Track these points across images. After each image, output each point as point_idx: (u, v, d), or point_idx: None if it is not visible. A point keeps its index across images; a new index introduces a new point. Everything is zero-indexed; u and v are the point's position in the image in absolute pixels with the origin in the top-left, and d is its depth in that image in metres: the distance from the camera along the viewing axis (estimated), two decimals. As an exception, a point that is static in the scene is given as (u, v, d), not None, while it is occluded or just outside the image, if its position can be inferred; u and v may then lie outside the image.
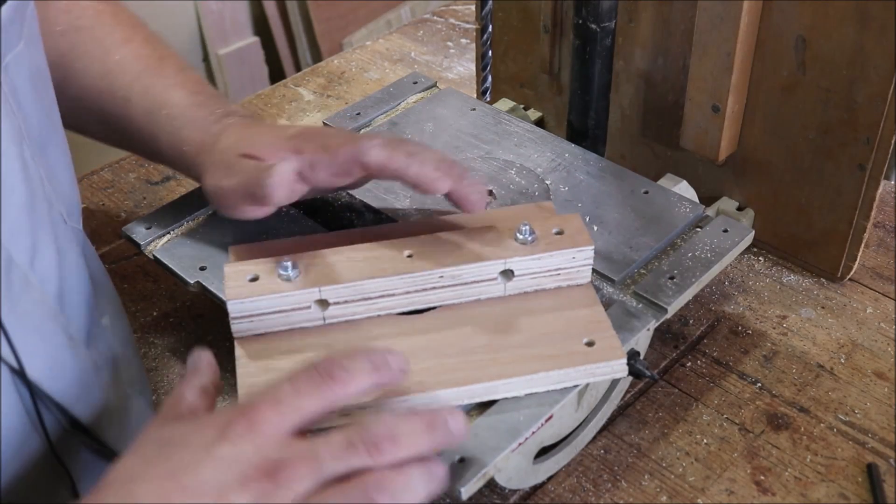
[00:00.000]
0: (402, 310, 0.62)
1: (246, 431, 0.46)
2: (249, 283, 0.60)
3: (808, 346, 0.76)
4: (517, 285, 0.63)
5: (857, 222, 0.77)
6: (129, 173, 0.97)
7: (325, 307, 0.61)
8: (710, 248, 0.69)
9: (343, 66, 1.16)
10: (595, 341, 0.60)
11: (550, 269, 0.63)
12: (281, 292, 0.59)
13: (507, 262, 0.62)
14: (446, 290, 0.62)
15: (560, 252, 0.62)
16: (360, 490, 0.46)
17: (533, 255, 0.62)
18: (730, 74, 0.75)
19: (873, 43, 0.69)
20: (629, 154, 0.89)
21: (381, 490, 0.46)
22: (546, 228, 0.63)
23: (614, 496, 0.65)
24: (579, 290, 0.64)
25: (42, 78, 0.58)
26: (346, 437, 0.47)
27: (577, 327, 0.61)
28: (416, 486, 0.47)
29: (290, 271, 0.60)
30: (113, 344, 0.64)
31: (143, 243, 0.72)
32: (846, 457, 0.67)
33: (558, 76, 0.91)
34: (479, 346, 0.60)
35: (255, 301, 0.59)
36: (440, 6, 1.28)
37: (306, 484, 0.45)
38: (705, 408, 0.71)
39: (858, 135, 0.73)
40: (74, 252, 0.59)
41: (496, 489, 0.65)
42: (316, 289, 0.60)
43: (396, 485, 0.46)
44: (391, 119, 0.85)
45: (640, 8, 0.81)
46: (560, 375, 0.58)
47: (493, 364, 0.59)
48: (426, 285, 0.61)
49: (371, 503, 0.45)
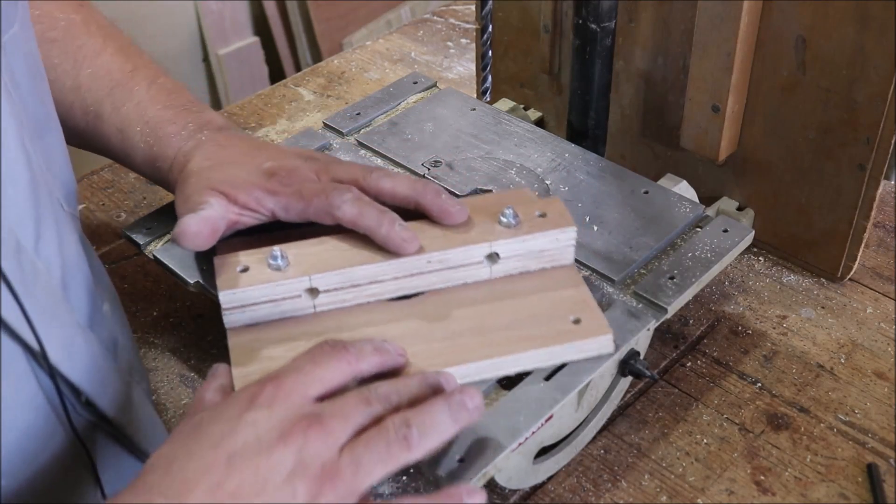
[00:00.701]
0: (391, 296, 0.63)
1: (274, 396, 0.49)
2: (240, 273, 0.61)
3: (808, 346, 0.76)
4: (503, 268, 0.64)
5: (857, 222, 0.77)
6: (129, 173, 0.97)
7: (315, 295, 0.62)
8: (710, 248, 0.69)
9: (343, 66, 1.16)
10: (581, 319, 0.61)
11: (534, 251, 0.64)
12: (271, 282, 0.60)
13: (493, 245, 0.63)
14: (433, 275, 0.63)
15: (543, 234, 0.63)
16: (389, 431, 0.49)
17: (517, 237, 0.63)
18: (730, 74, 0.75)
19: (873, 43, 0.69)
20: (629, 154, 0.89)
21: (407, 425, 0.49)
22: (529, 212, 0.64)
23: (614, 496, 0.65)
24: (563, 270, 0.65)
25: (35, 64, 0.58)
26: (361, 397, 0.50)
27: (563, 307, 0.62)
28: (441, 419, 0.50)
29: (280, 261, 0.61)
30: (114, 330, 0.64)
31: (143, 243, 0.72)
32: (846, 457, 0.67)
33: (558, 76, 0.91)
34: (468, 328, 0.61)
35: (247, 291, 0.60)
36: (440, 6, 1.28)
37: (340, 435, 0.48)
38: (705, 408, 0.71)
39: (858, 135, 0.73)
40: (74, 238, 0.59)
41: (496, 489, 0.65)
42: (306, 277, 0.61)
43: (421, 418, 0.50)
44: (391, 119, 0.85)
45: (640, 8, 0.81)
46: (548, 353, 0.59)
47: (482, 346, 0.60)
48: (414, 270, 0.62)
49: (399, 442, 0.49)
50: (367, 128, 0.84)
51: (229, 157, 0.67)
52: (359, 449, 0.48)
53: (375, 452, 0.48)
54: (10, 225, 0.49)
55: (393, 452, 0.49)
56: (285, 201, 0.64)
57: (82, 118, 0.70)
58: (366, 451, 0.48)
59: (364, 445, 0.49)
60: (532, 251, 0.64)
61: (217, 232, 0.63)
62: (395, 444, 0.49)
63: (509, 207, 0.63)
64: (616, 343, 0.61)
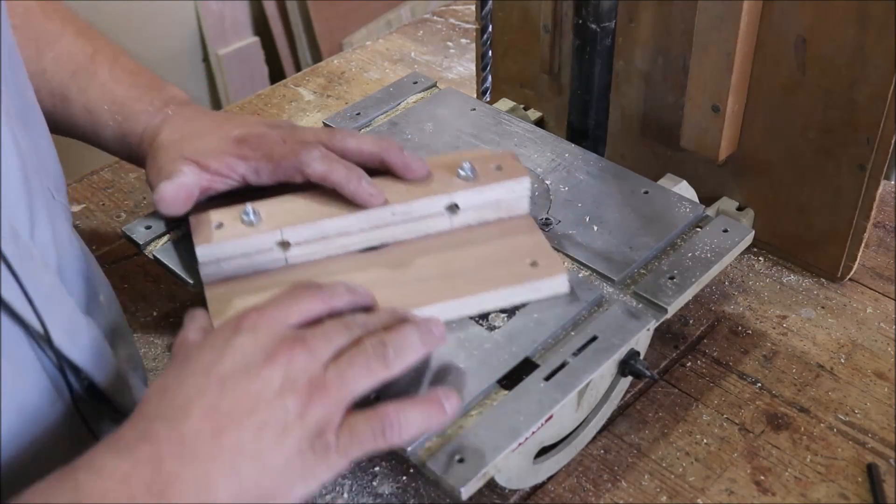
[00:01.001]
0: (358, 248, 0.67)
1: (256, 323, 0.52)
2: (215, 230, 0.65)
3: (808, 346, 0.76)
4: (462, 219, 0.68)
5: (857, 222, 0.77)
6: (129, 173, 0.97)
7: (287, 248, 0.66)
8: (710, 248, 0.69)
9: (343, 66, 1.16)
10: (538, 262, 0.65)
11: (491, 201, 0.68)
12: (245, 236, 0.64)
13: (452, 197, 0.67)
14: (398, 227, 0.67)
15: (499, 184, 0.68)
16: (368, 349, 0.53)
17: (475, 188, 0.67)
18: (730, 74, 0.75)
19: (873, 43, 0.69)
20: (629, 154, 0.89)
21: (383, 345, 0.53)
22: (485, 166, 0.69)
23: (614, 496, 0.65)
24: (519, 220, 0.69)
25: (14, 54, 0.58)
26: (342, 322, 0.54)
27: (520, 251, 0.66)
28: (411, 341, 0.54)
29: (253, 216, 0.65)
30: (110, 319, 0.64)
31: (143, 243, 0.72)
32: (846, 457, 0.67)
33: (558, 76, 0.91)
34: (432, 274, 0.65)
35: (222, 246, 0.64)
36: (440, 6, 1.28)
37: (323, 354, 0.52)
38: (705, 408, 0.71)
39: (858, 135, 0.73)
40: (66, 226, 0.60)
41: (496, 489, 0.65)
42: (277, 231, 0.65)
43: (395, 340, 0.54)
44: (391, 119, 0.85)
45: (640, 8, 0.81)
46: (508, 293, 0.64)
47: (446, 288, 0.64)
48: (379, 222, 0.67)
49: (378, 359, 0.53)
50: (367, 128, 0.84)
51: (198, 128, 0.70)
52: (342, 365, 0.52)
53: (357, 367, 0.52)
54: (6, 212, 0.49)
55: (373, 368, 0.53)
56: (255, 165, 0.67)
57: (49, 101, 0.71)
58: (349, 367, 0.52)
59: (347, 362, 0.52)
60: (489, 201, 0.68)
61: (191, 197, 0.67)
62: (374, 361, 0.53)
63: (467, 161, 0.68)
64: (616, 343, 0.61)
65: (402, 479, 0.66)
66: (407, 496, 0.65)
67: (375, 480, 0.66)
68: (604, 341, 0.62)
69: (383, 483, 0.66)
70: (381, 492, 0.65)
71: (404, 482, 0.66)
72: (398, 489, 0.65)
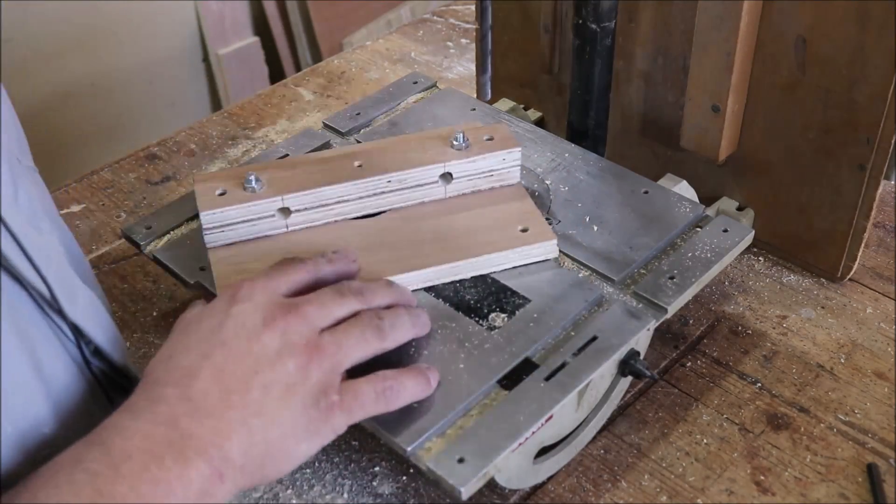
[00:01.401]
0: (356, 214, 0.70)
1: (251, 292, 0.56)
2: (218, 196, 0.67)
3: (808, 346, 0.76)
4: (455, 187, 0.72)
5: (857, 222, 0.77)
6: (129, 173, 0.97)
7: (287, 215, 0.68)
8: (710, 248, 0.69)
9: (343, 66, 1.16)
10: (529, 228, 0.68)
11: (484, 170, 0.71)
12: (247, 202, 0.67)
13: (446, 166, 0.70)
14: (394, 195, 0.70)
15: (492, 154, 0.71)
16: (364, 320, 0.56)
17: (468, 158, 0.70)
18: (730, 74, 0.75)
19: (873, 43, 0.69)
20: (629, 154, 0.89)
21: (379, 318, 0.57)
22: (478, 136, 0.72)
23: (614, 496, 0.65)
24: (510, 189, 0.72)
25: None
26: (335, 289, 0.58)
27: (511, 217, 0.70)
28: (404, 321, 0.59)
29: (255, 184, 0.67)
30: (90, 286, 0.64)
31: (143, 243, 0.72)
32: (846, 457, 0.67)
33: (558, 76, 0.91)
34: (426, 239, 0.68)
35: (225, 211, 0.66)
36: (440, 6, 1.28)
37: (317, 319, 0.55)
38: (705, 408, 0.71)
39: (858, 135, 0.73)
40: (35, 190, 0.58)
41: (496, 489, 0.65)
42: (279, 197, 0.67)
43: (390, 317, 0.58)
44: (391, 119, 0.85)
45: (640, 8, 0.81)
46: (501, 257, 0.67)
47: (440, 252, 0.67)
48: (376, 190, 0.70)
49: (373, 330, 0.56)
50: (366, 128, 0.84)
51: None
52: (338, 332, 0.55)
53: (353, 336, 0.56)
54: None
55: (368, 338, 0.56)
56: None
57: None
58: (345, 335, 0.55)
59: (343, 330, 0.56)
60: (481, 170, 0.71)
61: None
62: (370, 331, 0.56)
63: (460, 132, 0.71)
64: (616, 343, 0.61)
65: (402, 479, 0.66)
66: (407, 496, 0.65)
67: (375, 480, 0.66)
68: (604, 341, 0.62)
69: (383, 483, 0.66)
70: (381, 492, 0.65)
71: (404, 482, 0.66)
72: (398, 489, 0.65)
